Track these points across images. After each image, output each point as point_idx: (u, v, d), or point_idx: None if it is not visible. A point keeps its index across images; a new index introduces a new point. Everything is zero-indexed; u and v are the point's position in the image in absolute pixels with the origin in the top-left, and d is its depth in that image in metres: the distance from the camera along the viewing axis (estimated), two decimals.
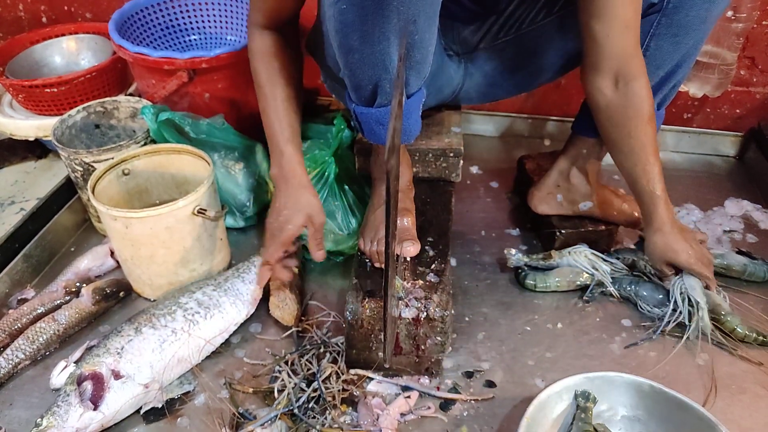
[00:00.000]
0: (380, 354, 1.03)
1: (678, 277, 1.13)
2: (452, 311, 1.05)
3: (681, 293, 1.12)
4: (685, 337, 1.11)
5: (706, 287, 1.13)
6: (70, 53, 1.68)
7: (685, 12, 1.01)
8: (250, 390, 1.04)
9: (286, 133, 1.07)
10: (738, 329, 1.12)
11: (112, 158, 1.22)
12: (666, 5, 1.02)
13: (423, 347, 1.02)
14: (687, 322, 1.12)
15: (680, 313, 1.12)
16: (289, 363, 1.07)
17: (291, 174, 1.07)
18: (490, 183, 1.57)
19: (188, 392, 1.03)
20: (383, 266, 1.08)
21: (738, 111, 1.65)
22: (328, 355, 1.08)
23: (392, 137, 0.67)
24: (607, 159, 1.30)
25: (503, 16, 1.18)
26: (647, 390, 0.94)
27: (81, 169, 1.25)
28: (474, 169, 1.62)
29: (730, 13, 1.42)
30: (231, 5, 1.60)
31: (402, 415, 0.99)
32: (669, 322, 1.14)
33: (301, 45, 1.16)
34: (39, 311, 1.16)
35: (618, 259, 1.25)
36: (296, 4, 1.06)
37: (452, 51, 1.22)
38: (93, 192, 1.14)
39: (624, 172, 1.12)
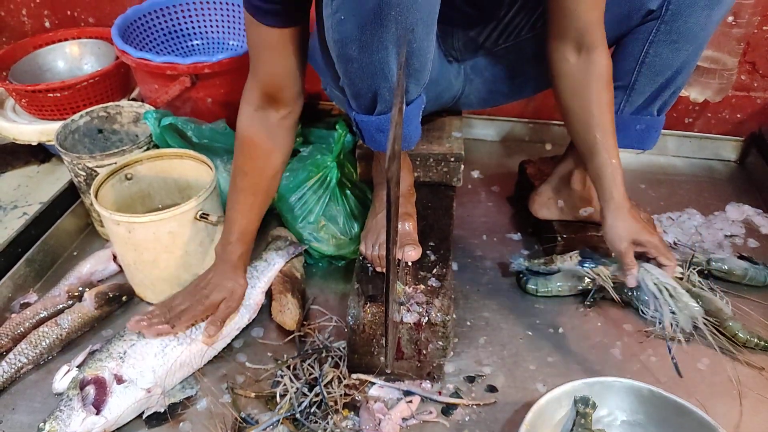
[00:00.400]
0: (382, 359, 1.04)
1: (640, 267, 1.06)
2: (454, 316, 1.05)
3: (655, 283, 1.06)
4: (671, 326, 1.05)
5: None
6: (73, 58, 1.68)
7: (684, 19, 1.02)
8: (252, 395, 1.04)
9: (238, 228, 1.09)
10: (739, 334, 1.12)
11: (115, 163, 1.22)
12: (664, 12, 1.02)
13: (425, 352, 1.03)
14: (675, 312, 1.05)
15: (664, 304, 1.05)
16: (291, 367, 1.07)
17: (229, 260, 1.10)
18: (491, 187, 1.58)
19: (190, 397, 1.04)
20: (385, 271, 1.09)
21: (739, 116, 1.66)
22: (329, 359, 1.08)
23: (392, 145, 0.68)
24: None
25: (503, 22, 1.18)
26: (647, 395, 0.95)
27: (84, 173, 1.25)
28: (475, 174, 1.63)
29: (730, 19, 1.42)
30: (232, 10, 1.61)
31: (404, 419, 0.99)
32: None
33: (288, 137, 1.12)
34: (42, 315, 1.16)
35: None
36: (295, 70, 1.03)
37: (452, 57, 1.22)
38: (96, 196, 1.15)
39: (581, 142, 1.09)
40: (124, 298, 1.22)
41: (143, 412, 1.00)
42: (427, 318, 0.99)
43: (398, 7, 0.79)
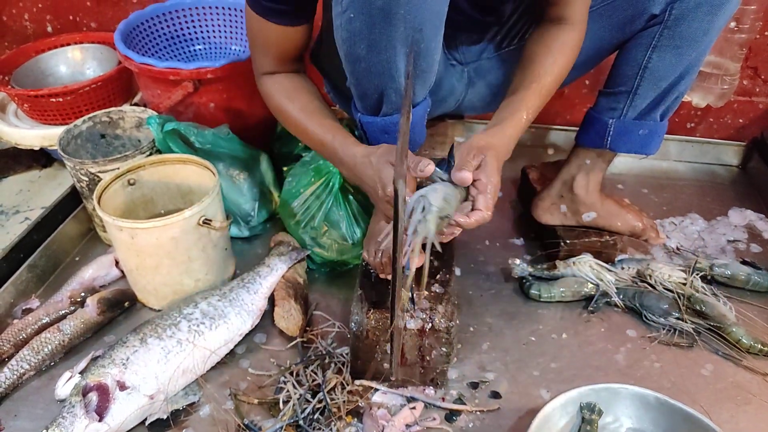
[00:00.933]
0: (385, 365, 1.03)
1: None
2: (457, 322, 1.05)
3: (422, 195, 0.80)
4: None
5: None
6: (75, 63, 1.68)
7: (687, 24, 1.02)
8: (255, 401, 1.04)
9: (326, 126, 1.00)
10: (743, 340, 1.11)
11: (118, 168, 1.22)
12: (668, 17, 1.03)
13: (428, 358, 1.02)
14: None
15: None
16: (294, 374, 1.07)
17: (350, 157, 0.95)
18: None
19: (193, 403, 1.03)
20: (389, 277, 1.09)
21: (741, 121, 1.66)
22: (332, 365, 1.08)
23: (401, 153, 0.68)
24: (610, 169, 1.31)
25: (506, 26, 1.19)
26: (652, 401, 0.94)
27: (86, 179, 1.25)
28: None
29: (733, 24, 1.42)
30: (235, 15, 1.61)
31: (407, 426, 0.99)
32: None
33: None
34: (44, 321, 1.16)
35: (623, 269, 1.25)
36: (305, 40, 1.04)
37: (455, 60, 1.23)
38: (99, 202, 1.15)
39: (509, 93, 1.02)
40: (126, 304, 1.22)
41: (146, 419, 0.99)
42: (430, 324, 0.99)
43: (407, 6, 0.79)
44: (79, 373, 1.04)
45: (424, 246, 0.75)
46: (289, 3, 0.94)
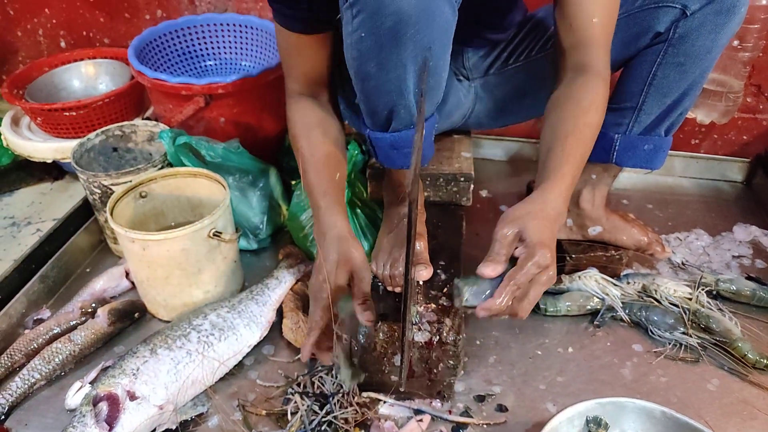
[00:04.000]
0: (393, 377, 1.04)
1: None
2: (464, 335, 1.06)
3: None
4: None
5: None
6: (88, 77, 1.71)
7: (691, 42, 1.03)
8: (263, 412, 1.04)
9: (323, 185, 1.01)
10: (749, 355, 1.12)
11: (130, 181, 1.24)
12: (672, 35, 1.04)
13: (435, 371, 1.03)
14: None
15: None
16: (302, 385, 1.07)
17: (328, 226, 0.98)
18: (499, 207, 1.59)
19: (202, 414, 1.04)
20: (396, 290, 1.10)
21: (745, 137, 1.67)
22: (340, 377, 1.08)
23: (415, 169, 0.69)
24: (615, 184, 1.32)
25: (513, 42, 1.20)
26: (659, 416, 0.95)
27: (99, 191, 1.27)
28: (483, 193, 1.64)
29: (736, 42, 1.44)
30: (245, 32, 1.64)
31: None
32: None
33: (336, 116, 1.13)
34: (55, 332, 1.17)
35: (628, 283, 1.26)
36: (328, 65, 1.07)
37: (462, 76, 1.25)
38: (111, 214, 1.16)
39: (543, 153, 0.96)
40: (136, 315, 1.23)
41: (155, 429, 1.00)
42: (438, 337, 1.00)
43: (416, 27, 0.81)
44: (90, 383, 1.05)
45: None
46: (302, 3, 0.95)
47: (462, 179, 1.31)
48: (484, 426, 1.03)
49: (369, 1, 0.80)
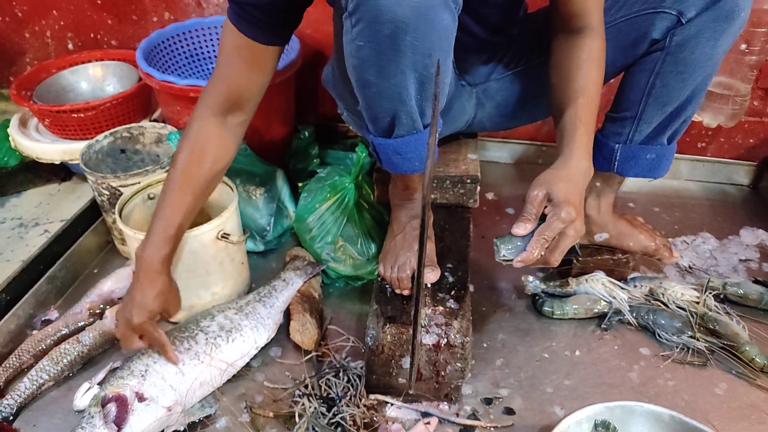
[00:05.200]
0: (401, 380, 1.04)
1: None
2: (472, 337, 1.06)
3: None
4: None
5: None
6: (96, 79, 1.72)
7: (690, 50, 1.01)
8: (271, 414, 1.05)
9: (174, 226, 1.02)
10: (757, 359, 1.12)
11: (139, 182, 1.24)
12: (669, 44, 1.02)
13: (443, 373, 1.03)
14: None
15: None
16: (309, 387, 1.07)
17: (149, 259, 1.01)
18: (506, 209, 1.59)
19: (210, 415, 1.04)
20: (404, 292, 1.10)
21: (751, 141, 1.67)
22: (347, 379, 1.08)
23: (429, 174, 0.70)
24: (621, 188, 1.32)
25: (514, 47, 1.20)
26: (667, 420, 0.95)
27: (108, 192, 1.28)
28: (489, 196, 1.64)
29: (743, 46, 1.44)
30: None
31: None
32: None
33: (237, 143, 1.09)
34: (63, 332, 1.18)
35: (635, 287, 1.26)
36: (263, 84, 1.02)
37: (465, 82, 1.25)
38: (120, 215, 1.17)
39: (557, 115, 1.02)
40: None
41: (163, 431, 1.00)
42: (446, 339, 1.00)
43: (414, 34, 0.81)
44: (98, 384, 1.05)
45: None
46: (269, 14, 0.93)
47: (468, 181, 1.31)
48: (492, 429, 1.03)
49: (368, 9, 0.81)
